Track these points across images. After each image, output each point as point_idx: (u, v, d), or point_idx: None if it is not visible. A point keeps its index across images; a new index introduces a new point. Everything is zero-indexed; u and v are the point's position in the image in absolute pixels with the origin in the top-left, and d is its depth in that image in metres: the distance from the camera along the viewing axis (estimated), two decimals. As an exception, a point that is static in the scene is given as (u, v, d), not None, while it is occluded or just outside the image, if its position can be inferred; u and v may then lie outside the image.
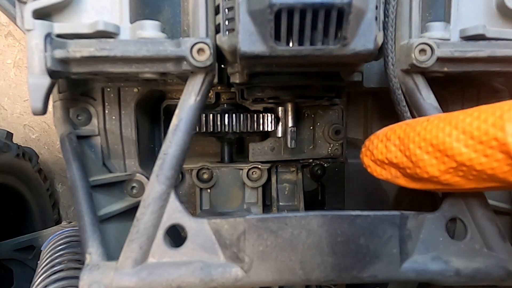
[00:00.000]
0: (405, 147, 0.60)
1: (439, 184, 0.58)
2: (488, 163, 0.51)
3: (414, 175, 0.60)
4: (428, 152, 0.56)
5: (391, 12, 0.66)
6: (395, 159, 0.62)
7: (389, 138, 0.63)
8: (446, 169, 0.55)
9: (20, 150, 1.51)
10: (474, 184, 0.55)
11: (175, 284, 0.63)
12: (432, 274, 0.65)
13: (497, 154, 0.49)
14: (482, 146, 0.50)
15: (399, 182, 0.64)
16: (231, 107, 1.02)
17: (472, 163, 0.52)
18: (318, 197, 1.14)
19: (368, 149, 0.67)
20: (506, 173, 0.50)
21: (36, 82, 0.61)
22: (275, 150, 1.04)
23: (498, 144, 0.49)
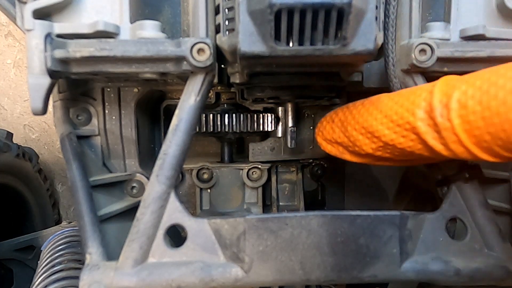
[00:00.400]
0: (345, 128, 0.67)
1: (376, 159, 0.65)
2: (406, 143, 0.58)
3: (355, 152, 0.67)
4: (362, 133, 0.63)
5: (391, 12, 0.66)
6: (339, 139, 0.69)
7: (334, 120, 0.71)
8: (377, 147, 0.62)
9: (20, 150, 1.50)
10: (401, 158, 0.62)
11: (175, 284, 0.63)
12: (432, 274, 0.65)
13: (411, 135, 0.56)
14: (400, 129, 0.57)
15: (345, 157, 0.71)
16: (231, 107, 1.02)
17: (393, 142, 0.59)
18: (318, 197, 1.14)
19: (320, 130, 0.75)
20: (420, 150, 0.57)
21: (36, 82, 0.61)
22: (275, 150, 1.04)
23: (411, 127, 0.56)
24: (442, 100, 0.52)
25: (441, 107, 0.52)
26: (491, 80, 0.48)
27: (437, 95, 0.53)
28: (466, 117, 0.49)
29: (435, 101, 0.53)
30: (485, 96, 0.47)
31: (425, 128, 0.54)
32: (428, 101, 0.54)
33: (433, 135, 0.54)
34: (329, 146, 0.74)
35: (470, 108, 0.49)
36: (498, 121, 0.46)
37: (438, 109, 0.52)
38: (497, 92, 0.46)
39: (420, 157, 0.60)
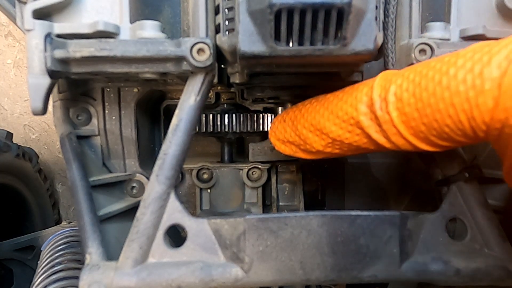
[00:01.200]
0: (295, 127, 0.68)
1: (327, 154, 0.67)
2: (352, 137, 0.59)
3: (307, 150, 0.68)
4: (311, 131, 0.65)
5: (391, 12, 0.66)
6: (291, 138, 0.70)
7: (285, 120, 0.72)
8: (326, 144, 0.64)
9: (20, 150, 1.51)
10: (350, 152, 0.64)
11: (175, 284, 0.63)
12: (432, 274, 0.65)
13: (356, 130, 0.58)
14: (345, 124, 0.59)
15: (299, 155, 0.72)
16: (231, 107, 1.02)
17: (340, 138, 0.60)
18: (318, 197, 1.14)
19: (272, 130, 0.76)
20: (366, 143, 0.58)
21: (36, 82, 0.61)
22: (275, 150, 1.04)
23: (355, 121, 0.57)
24: (381, 94, 0.54)
25: (380, 101, 0.54)
26: (422, 73, 0.50)
27: (376, 89, 0.54)
28: (403, 109, 0.51)
29: (374, 95, 0.54)
30: (417, 88, 0.50)
31: (367, 122, 0.56)
32: (369, 96, 0.55)
33: (376, 129, 0.55)
34: (282, 146, 0.74)
35: (405, 100, 0.51)
36: (430, 112, 0.48)
37: (377, 102, 0.54)
38: (427, 84, 0.48)
39: (366, 151, 0.61)
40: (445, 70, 0.48)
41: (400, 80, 0.53)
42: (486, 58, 0.44)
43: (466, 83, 0.45)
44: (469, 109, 0.45)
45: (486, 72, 0.43)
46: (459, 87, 0.46)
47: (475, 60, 0.45)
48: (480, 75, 0.44)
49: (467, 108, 0.46)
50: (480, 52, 0.45)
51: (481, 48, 0.46)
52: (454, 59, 0.48)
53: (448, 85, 0.46)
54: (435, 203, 0.75)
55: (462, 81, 0.45)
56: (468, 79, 0.45)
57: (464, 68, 0.46)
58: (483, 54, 0.45)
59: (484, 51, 0.45)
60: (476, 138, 0.49)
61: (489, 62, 0.44)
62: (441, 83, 0.47)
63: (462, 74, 0.46)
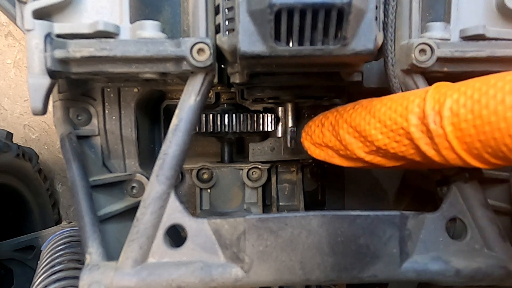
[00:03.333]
0: (336, 132, 0.68)
1: (366, 163, 0.66)
2: (398, 147, 0.60)
3: (346, 156, 0.69)
4: (355, 137, 0.65)
5: (391, 12, 0.66)
6: (329, 143, 0.70)
7: (324, 124, 0.72)
8: (369, 151, 0.64)
9: (20, 150, 1.50)
10: (393, 163, 0.64)
11: (175, 284, 0.63)
12: (432, 274, 0.65)
13: (404, 140, 0.59)
14: (393, 134, 0.59)
15: (335, 162, 0.72)
16: (231, 107, 1.02)
17: (386, 147, 0.61)
18: (318, 197, 1.14)
19: (308, 134, 0.76)
20: (412, 154, 0.59)
21: (36, 82, 0.61)
22: (275, 150, 1.04)
23: (404, 132, 0.58)
24: (434, 108, 0.54)
25: (433, 114, 0.54)
26: (482, 90, 0.50)
27: (430, 102, 0.55)
28: (458, 125, 0.51)
29: (427, 108, 0.54)
30: (476, 105, 0.49)
31: (418, 134, 0.56)
32: (421, 108, 0.55)
33: (426, 141, 0.56)
34: (317, 150, 0.75)
35: (462, 116, 0.51)
36: (489, 130, 0.48)
37: (431, 116, 0.54)
38: (488, 101, 0.48)
39: (411, 162, 0.61)
40: (509, 89, 0.47)
41: (457, 95, 0.52)
42: None
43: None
44: None
45: None
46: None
47: None
48: None
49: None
50: None
51: None
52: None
53: (511, 105, 0.46)
54: (435, 203, 0.75)
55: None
56: None
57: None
58: None
59: None
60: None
61: None
62: (504, 102, 0.47)
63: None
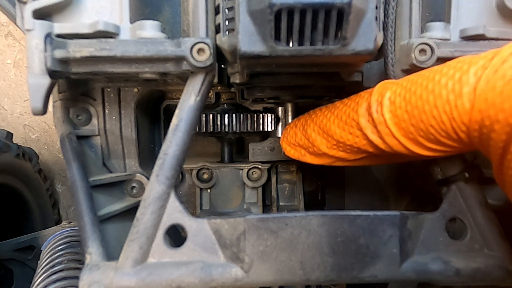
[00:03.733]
0: (305, 131, 0.74)
1: (332, 158, 0.72)
2: (353, 139, 0.65)
3: (314, 153, 0.74)
4: (319, 134, 0.71)
5: (391, 12, 0.66)
6: (300, 142, 0.76)
7: (296, 125, 0.78)
8: (331, 146, 0.69)
9: (20, 150, 1.51)
10: (353, 156, 0.68)
11: (175, 284, 0.63)
12: (432, 274, 0.65)
13: (356, 132, 0.64)
14: (347, 126, 0.65)
15: (306, 160, 0.77)
16: (231, 107, 1.02)
17: (343, 139, 0.66)
18: (318, 197, 1.14)
19: (284, 136, 0.82)
20: (365, 145, 0.64)
21: (36, 82, 0.61)
22: (275, 150, 1.04)
23: (355, 123, 0.63)
24: (378, 99, 0.60)
25: (376, 104, 0.60)
26: (413, 80, 0.57)
27: (375, 95, 0.61)
28: (395, 112, 0.58)
29: (372, 100, 0.61)
30: (408, 93, 0.56)
31: (365, 123, 0.62)
32: (368, 101, 0.62)
33: (372, 130, 0.61)
34: (292, 150, 0.80)
35: (397, 103, 0.57)
36: (417, 113, 0.55)
37: (374, 106, 0.60)
38: (416, 89, 0.55)
39: (367, 153, 0.66)
40: (432, 77, 0.54)
41: (395, 87, 0.59)
42: (465, 67, 0.51)
43: (447, 87, 0.52)
44: (450, 110, 0.51)
45: (464, 78, 0.50)
46: (441, 91, 0.52)
47: (456, 68, 0.52)
48: (459, 81, 0.50)
49: (448, 110, 0.52)
50: (462, 62, 0.52)
51: (463, 59, 0.53)
52: (440, 68, 0.55)
53: (432, 89, 0.53)
54: (435, 203, 0.75)
55: (444, 86, 0.52)
56: (449, 84, 0.51)
57: (446, 75, 0.52)
58: (463, 63, 0.52)
59: (465, 62, 0.52)
60: (461, 142, 0.54)
61: (468, 70, 0.50)
62: (427, 88, 0.54)
63: (444, 80, 0.52)
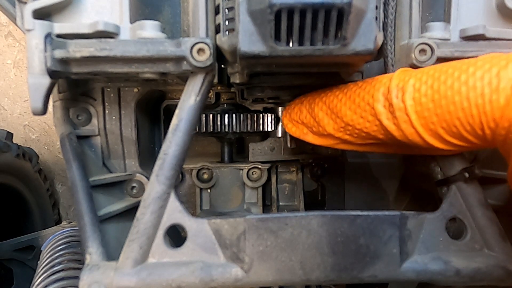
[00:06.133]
0: (312, 109, 0.72)
1: (336, 140, 0.70)
2: (363, 123, 0.63)
3: (318, 133, 0.72)
4: (327, 114, 0.69)
5: (391, 12, 0.66)
6: (305, 119, 0.74)
7: (302, 102, 0.75)
8: (338, 128, 0.67)
9: (20, 150, 1.51)
10: (359, 141, 0.67)
11: (175, 284, 0.63)
12: (432, 274, 0.65)
13: (369, 116, 0.62)
14: (360, 110, 0.63)
15: (308, 139, 0.75)
16: (231, 107, 1.02)
17: (353, 123, 0.64)
18: (318, 197, 1.14)
19: (287, 111, 0.80)
20: (375, 131, 0.62)
21: (36, 82, 0.61)
22: (275, 150, 1.04)
23: (370, 108, 0.61)
24: (399, 84, 0.58)
25: (397, 90, 0.58)
26: (442, 70, 0.55)
27: (395, 80, 0.59)
28: (419, 99, 0.56)
29: (392, 85, 0.59)
30: (436, 82, 0.55)
31: (381, 109, 0.60)
32: (387, 86, 0.60)
33: (388, 116, 0.59)
34: (293, 128, 0.78)
35: (423, 91, 0.56)
36: (445, 103, 0.53)
37: (394, 91, 0.58)
38: (446, 78, 0.54)
39: (375, 140, 0.64)
40: (465, 68, 0.53)
41: (420, 74, 0.57)
42: (503, 62, 0.50)
43: (483, 81, 0.50)
44: (482, 104, 0.50)
45: (503, 73, 0.49)
46: (476, 83, 0.51)
47: (493, 63, 0.51)
48: (497, 76, 0.49)
49: (480, 103, 0.50)
50: (498, 58, 0.51)
51: (498, 55, 0.52)
52: (474, 61, 0.53)
53: (466, 81, 0.51)
54: (435, 203, 0.75)
55: (480, 79, 0.50)
56: (486, 77, 0.50)
57: (482, 69, 0.51)
58: (500, 59, 0.51)
59: (502, 58, 0.51)
60: (483, 138, 0.53)
61: (506, 65, 0.49)
62: (459, 79, 0.52)
63: (480, 73, 0.51)
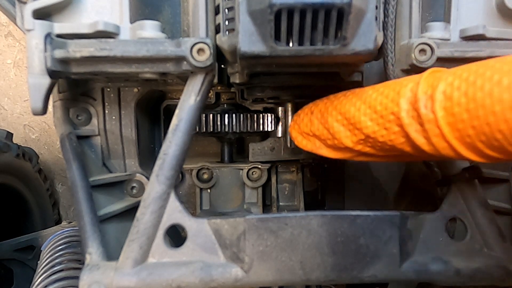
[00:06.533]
0: (325, 120, 0.64)
1: (355, 153, 0.63)
2: (388, 135, 0.55)
3: (333, 146, 0.64)
4: (343, 124, 0.61)
5: (391, 12, 0.66)
6: (317, 131, 0.66)
7: (313, 112, 0.68)
8: (357, 140, 0.60)
9: (20, 150, 1.50)
10: (382, 153, 0.59)
11: (175, 284, 0.63)
12: (432, 274, 0.65)
13: (394, 127, 0.54)
14: (383, 120, 0.55)
15: (321, 153, 0.68)
16: (231, 107, 1.02)
17: (375, 135, 0.56)
18: (318, 197, 1.14)
19: (296, 123, 0.72)
20: (402, 144, 0.54)
21: (36, 82, 0.61)
22: (275, 150, 1.04)
23: (395, 118, 0.53)
24: (427, 91, 0.50)
25: (425, 98, 0.50)
26: (478, 72, 0.46)
27: (423, 85, 0.51)
28: (451, 109, 0.47)
29: (420, 92, 0.50)
30: (471, 88, 0.45)
31: (408, 119, 0.52)
32: (414, 92, 0.51)
33: (416, 128, 0.51)
34: (304, 141, 0.70)
35: (455, 99, 0.46)
36: (483, 114, 0.44)
37: (422, 100, 0.50)
38: (483, 83, 0.44)
39: (401, 153, 0.57)
40: (507, 70, 0.43)
41: (452, 78, 0.48)
42: None
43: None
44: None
45: None
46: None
47: None
48: None
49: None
50: None
51: None
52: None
53: (509, 86, 0.42)
54: (435, 203, 0.75)
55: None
56: None
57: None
58: None
59: None
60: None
61: None
62: (500, 83, 0.42)
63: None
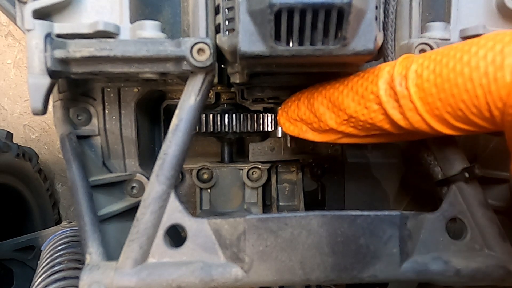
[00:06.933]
0: (311, 105, 0.70)
1: (339, 134, 0.68)
2: (368, 114, 0.61)
3: (319, 128, 0.70)
4: (328, 107, 0.67)
5: (391, 12, 0.67)
6: (304, 116, 0.71)
7: (300, 98, 0.73)
8: (341, 121, 0.65)
9: (20, 150, 1.51)
10: (363, 132, 0.65)
11: (175, 284, 0.63)
12: (432, 274, 0.65)
13: (373, 106, 0.60)
14: (364, 100, 0.61)
15: (307, 137, 0.73)
16: (231, 107, 1.02)
17: (357, 114, 0.62)
18: (318, 197, 1.14)
19: (284, 110, 0.77)
20: (381, 121, 0.60)
21: (36, 82, 0.61)
22: (275, 150, 1.04)
23: (374, 97, 0.59)
24: (402, 72, 0.57)
25: (400, 78, 0.57)
26: (444, 52, 0.53)
27: (398, 67, 0.58)
28: (421, 85, 0.54)
29: (395, 72, 0.57)
30: (438, 66, 0.53)
31: (386, 97, 0.58)
32: (390, 74, 0.58)
33: (393, 104, 0.58)
34: (291, 126, 0.75)
35: (425, 76, 0.54)
36: (448, 87, 0.51)
37: (397, 79, 0.57)
38: (448, 61, 0.52)
39: (381, 131, 0.62)
40: (467, 49, 0.50)
41: (422, 60, 0.56)
42: (507, 38, 0.48)
43: (487, 59, 0.48)
44: (487, 83, 0.48)
45: (507, 50, 0.46)
46: (479, 62, 0.48)
47: (496, 40, 0.48)
48: (501, 52, 0.47)
49: (484, 83, 0.48)
50: (502, 35, 0.49)
51: (502, 33, 0.49)
52: (476, 40, 0.51)
53: (468, 61, 0.49)
54: (435, 203, 0.75)
55: (483, 58, 0.48)
56: (489, 55, 0.48)
57: (485, 47, 0.49)
58: (504, 36, 0.48)
59: (506, 34, 0.49)
60: (491, 121, 0.51)
61: (510, 41, 0.47)
62: (462, 60, 0.50)
63: (483, 51, 0.48)
